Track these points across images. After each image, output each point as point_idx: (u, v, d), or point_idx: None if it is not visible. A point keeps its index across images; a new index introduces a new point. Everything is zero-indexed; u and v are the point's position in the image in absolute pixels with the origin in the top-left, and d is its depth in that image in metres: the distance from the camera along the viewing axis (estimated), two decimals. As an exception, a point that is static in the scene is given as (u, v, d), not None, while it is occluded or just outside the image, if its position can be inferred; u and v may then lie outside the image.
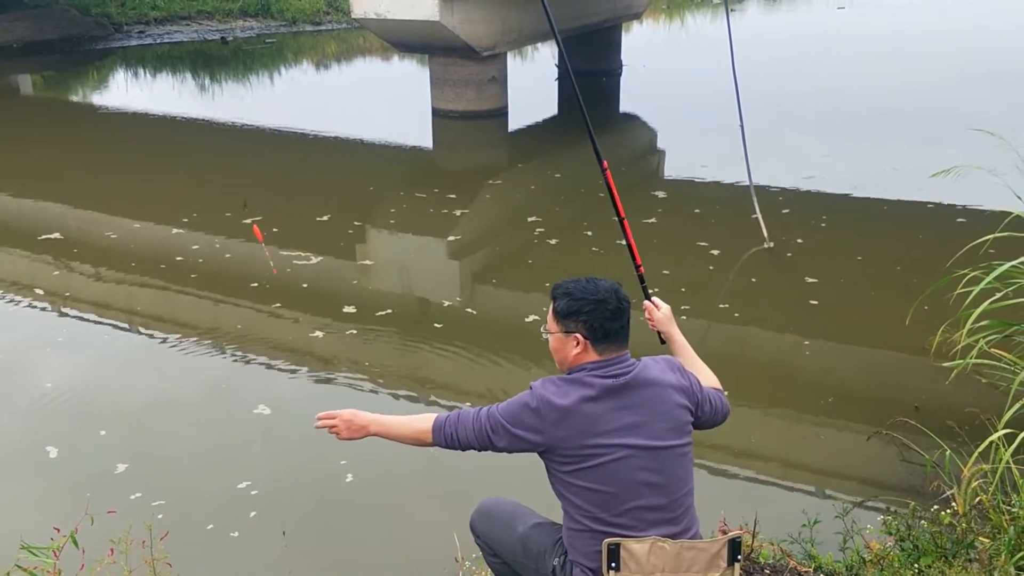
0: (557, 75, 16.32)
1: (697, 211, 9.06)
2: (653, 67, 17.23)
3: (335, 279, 7.53)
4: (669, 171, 11.14)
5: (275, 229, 8.38)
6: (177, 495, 4.47)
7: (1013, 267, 4.40)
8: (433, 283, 7.67)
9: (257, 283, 7.21)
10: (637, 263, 3.14)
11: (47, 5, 21.07)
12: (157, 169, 11.22)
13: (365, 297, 7.09)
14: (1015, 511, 3.12)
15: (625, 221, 3.14)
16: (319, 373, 5.83)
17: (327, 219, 8.88)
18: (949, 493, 3.58)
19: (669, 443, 2.46)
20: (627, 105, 15.11)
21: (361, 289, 7.39)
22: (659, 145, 12.70)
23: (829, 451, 4.96)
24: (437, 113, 13.39)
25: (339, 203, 9.50)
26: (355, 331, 6.43)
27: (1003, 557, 2.92)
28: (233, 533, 4.21)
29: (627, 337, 2.53)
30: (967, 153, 5.70)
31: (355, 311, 6.73)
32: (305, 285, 7.24)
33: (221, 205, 9.20)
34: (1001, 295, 4.45)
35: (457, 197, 9.61)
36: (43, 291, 7.31)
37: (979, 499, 3.33)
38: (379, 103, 15.90)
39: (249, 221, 8.36)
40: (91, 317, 6.79)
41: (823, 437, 5.10)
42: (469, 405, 2.53)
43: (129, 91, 17.10)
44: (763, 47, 17.23)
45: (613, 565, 2.41)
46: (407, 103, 14.75)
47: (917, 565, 3.06)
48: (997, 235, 4.81)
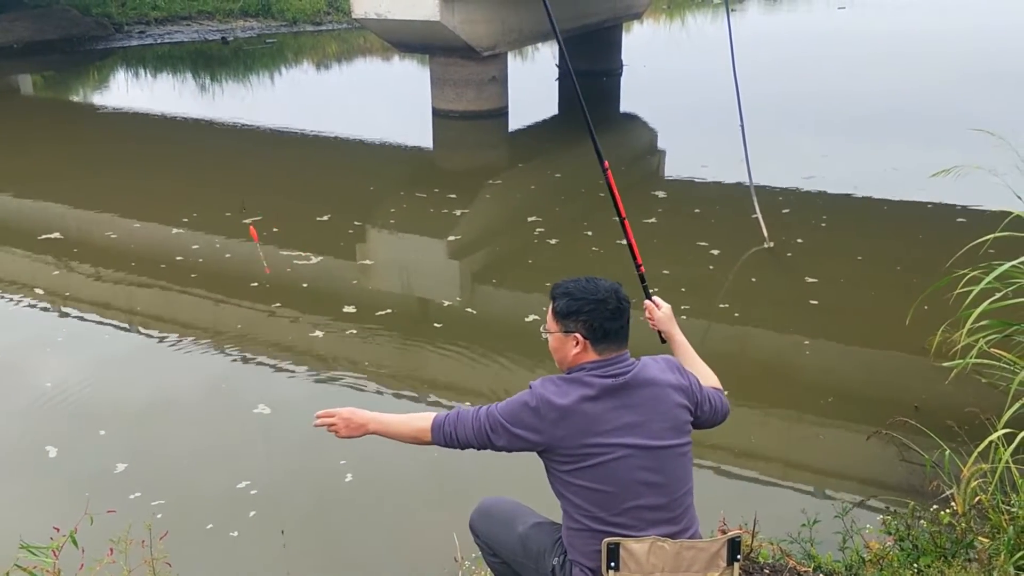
0: (557, 75, 16.32)
1: (697, 211, 9.06)
2: (653, 67, 17.23)
3: (335, 279, 7.53)
4: (669, 171, 11.14)
5: (275, 229, 8.39)
6: (177, 495, 4.48)
7: (1013, 267, 4.41)
8: (433, 283, 7.67)
9: (257, 283, 7.21)
10: (638, 263, 3.14)
11: (47, 5, 21.07)
12: (157, 169, 11.22)
13: (365, 297, 7.10)
14: (1014, 511, 3.12)
15: (626, 221, 3.15)
16: (319, 373, 5.83)
17: (327, 219, 8.88)
18: (948, 493, 3.58)
19: (668, 443, 2.46)
20: (627, 105, 15.11)
21: (361, 289, 7.39)
22: (659, 145, 12.70)
23: (829, 451, 4.96)
24: (437, 113, 13.39)
25: (339, 203, 9.51)
26: (355, 331, 6.43)
27: (1002, 557, 2.92)
28: (233, 533, 4.21)
29: (627, 337, 2.53)
30: (967, 153, 5.71)
31: (355, 311, 6.73)
32: (305, 285, 7.24)
33: (221, 205, 9.20)
34: (1001, 295, 4.45)
35: (457, 197, 9.61)
36: (43, 291, 7.31)
37: (978, 499, 3.33)
38: (379, 103, 15.90)
39: (248, 221, 8.37)
40: (91, 317, 6.79)
41: (823, 437, 5.10)
42: (469, 404, 2.53)
43: (129, 91, 17.11)
44: (763, 47, 17.24)
45: (612, 564, 2.41)
46: (407, 103, 14.75)
47: (916, 565, 3.06)
48: (997, 235, 4.81)
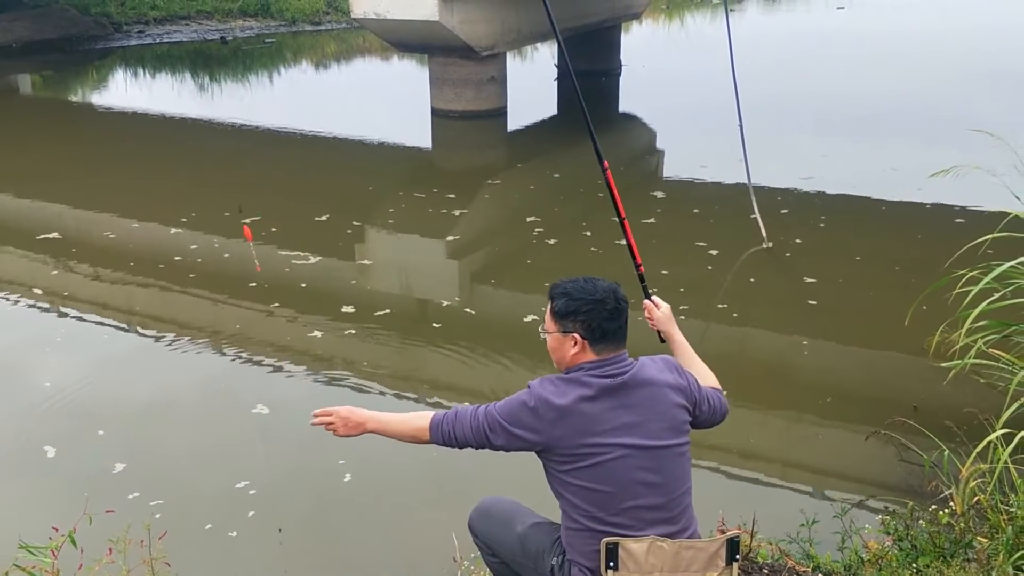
0: (556, 75, 16.32)
1: (696, 211, 9.06)
2: (652, 67, 17.23)
3: (334, 279, 7.52)
4: (668, 171, 11.14)
5: (274, 229, 8.38)
6: (175, 495, 4.47)
7: (1012, 267, 4.41)
8: (432, 283, 7.67)
9: (256, 283, 7.21)
10: (637, 262, 3.14)
11: (46, 5, 21.06)
12: (156, 169, 11.22)
13: (364, 297, 7.09)
14: (1013, 511, 3.12)
15: (625, 221, 3.14)
16: (318, 373, 5.83)
17: (326, 219, 8.88)
18: (947, 493, 3.58)
19: (666, 442, 2.46)
20: (626, 105, 15.11)
21: (360, 289, 7.39)
22: (658, 145, 12.70)
23: (827, 451, 4.96)
24: (436, 113, 13.39)
25: (338, 203, 9.50)
26: (354, 331, 6.43)
27: (1001, 557, 2.92)
28: (231, 533, 4.21)
29: (625, 337, 2.53)
30: (966, 153, 5.71)
31: (354, 311, 6.73)
32: (304, 285, 7.24)
33: (220, 205, 9.20)
34: (1000, 295, 4.45)
35: (456, 197, 9.61)
36: (42, 291, 7.31)
37: (977, 499, 3.33)
38: (378, 103, 15.89)
39: (247, 221, 8.36)
40: (90, 317, 6.79)
41: (821, 437, 5.10)
42: (467, 404, 2.53)
43: (128, 91, 17.11)
44: (762, 47, 17.24)
45: (611, 564, 2.41)
46: (406, 103, 14.75)
47: (915, 565, 3.06)
48: (996, 235, 4.81)
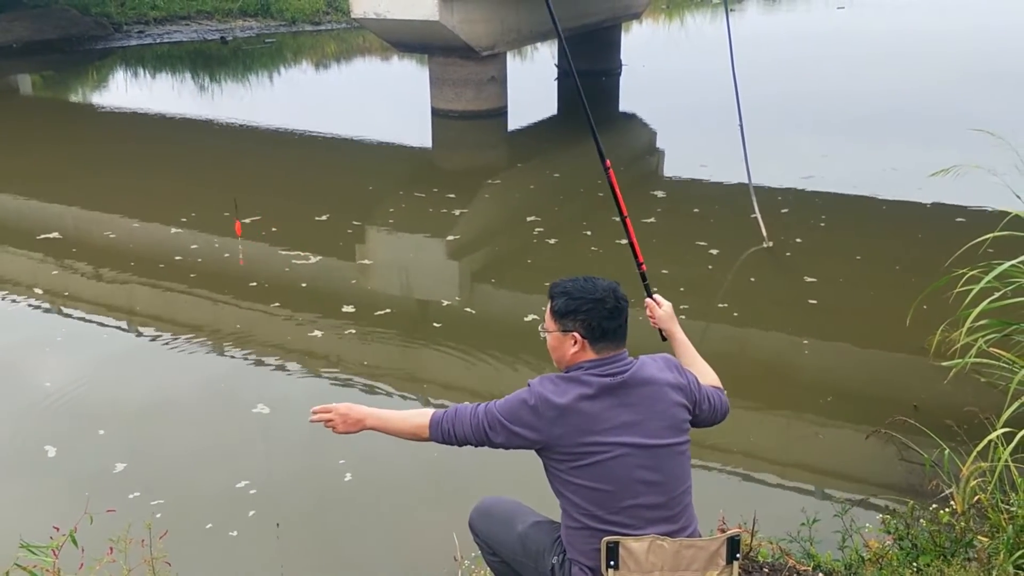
0: (556, 75, 16.32)
1: (696, 210, 9.06)
2: (652, 67, 17.23)
3: (334, 279, 7.52)
4: (668, 170, 11.14)
5: (274, 228, 8.38)
6: (176, 494, 4.48)
7: (1012, 266, 4.41)
8: (432, 283, 7.67)
9: (256, 283, 7.21)
10: (639, 261, 3.14)
11: (46, 5, 21.06)
12: (156, 169, 11.22)
13: (364, 297, 7.09)
14: (1014, 510, 3.12)
15: (627, 220, 3.14)
16: (318, 372, 5.83)
17: (326, 219, 8.88)
18: (948, 492, 3.58)
19: (666, 441, 2.46)
20: (626, 105, 15.11)
21: (360, 289, 7.39)
22: (658, 145, 12.71)
23: (828, 450, 4.96)
24: (436, 113, 13.39)
25: (338, 203, 9.50)
26: (354, 330, 6.43)
27: (1002, 556, 2.92)
28: (232, 532, 4.21)
29: (625, 336, 2.53)
30: (966, 153, 5.71)
31: (354, 310, 6.73)
32: (304, 285, 7.24)
33: (220, 205, 9.18)
34: (1000, 294, 4.46)
35: (456, 197, 9.61)
36: (42, 291, 7.31)
37: (978, 498, 3.33)
38: (378, 103, 15.90)
39: (248, 221, 8.36)
40: (90, 317, 6.79)
41: (822, 436, 5.10)
42: (467, 403, 2.54)
43: (128, 91, 17.11)
44: (762, 47, 17.25)
45: (612, 563, 2.41)
46: (406, 103, 14.75)
47: (916, 564, 3.06)
48: (996, 234, 4.81)
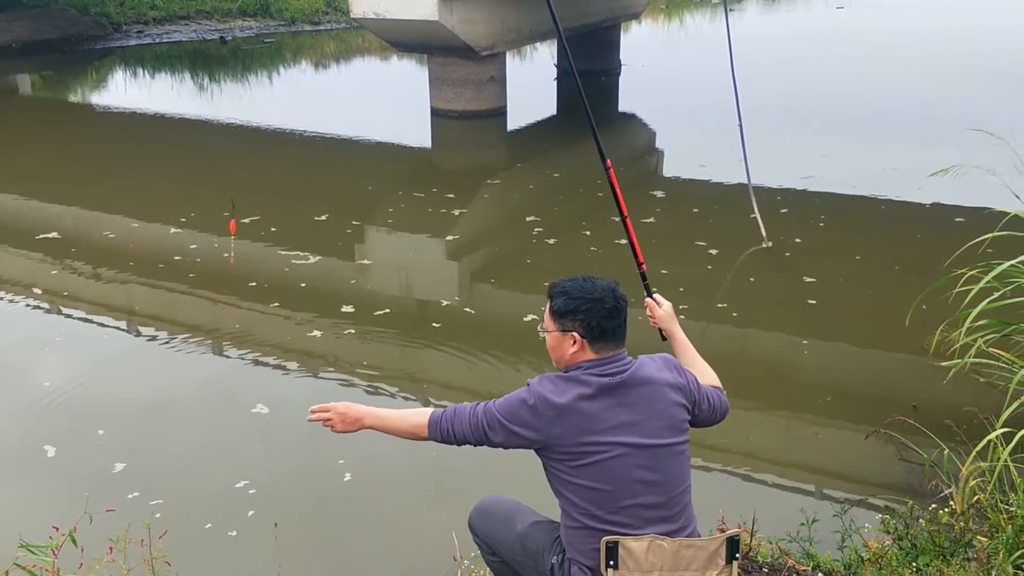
0: (556, 75, 16.32)
1: (696, 210, 9.06)
2: (652, 67, 17.23)
3: (333, 279, 7.52)
4: (668, 170, 11.14)
5: (273, 229, 8.38)
6: (176, 494, 4.47)
7: (1012, 266, 4.41)
8: (431, 283, 7.67)
9: (256, 283, 7.21)
10: (639, 261, 3.14)
11: (46, 5, 21.06)
12: (155, 169, 11.22)
13: (363, 296, 7.09)
14: (1013, 510, 3.12)
15: (628, 219, 3.14)
16: (317, 372, 5.83)
17: (325, 219, 8.88)
18: (947, 492, 3.58)
19: (665, 441, 2.46)
20: (626, 105, 15.11)
21: (359, 288, 7.38)
22: (658, 144, 12.71)
23: (827, 450, 4.96)
24: (436, 113, 13.39)
25: (337, 203, 9.50)
26: (353, 330, 6.43)
27: (1001, 556, 2.92)
28: (231, 532, 4.21)
29: (624, 335, 2.53)
30: (966, 153, 5.71)
31: (353, 310, 6.73)
32: (303, 285, 7.24)
33: (219, 205, 9.16)
34: (999, 294, 4.45)
35: (456, 197, 9.60)
36: (41, 290, 7.30)
37: (977, 498, 3.33)
38: (378, 103, 15.89)
39: (247, 221, 8.37)
40: (89, 317, 6.78)
41: (821, 436, 5.10)
42: (467, 402, 2.55)
43: (128, 91, 17.10)
44: (762, 47, 17.25)
45: (611, 563, 2.41)
46: (406, 103, 14.75)
47: (915, 564, 3.06)
48: (995, 234, 4.81)
